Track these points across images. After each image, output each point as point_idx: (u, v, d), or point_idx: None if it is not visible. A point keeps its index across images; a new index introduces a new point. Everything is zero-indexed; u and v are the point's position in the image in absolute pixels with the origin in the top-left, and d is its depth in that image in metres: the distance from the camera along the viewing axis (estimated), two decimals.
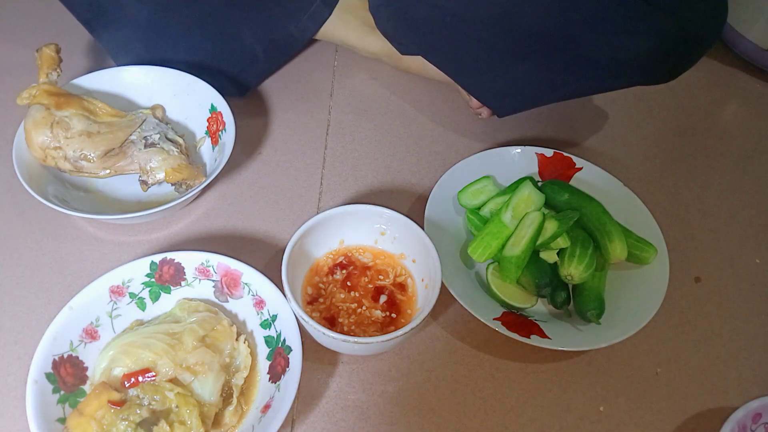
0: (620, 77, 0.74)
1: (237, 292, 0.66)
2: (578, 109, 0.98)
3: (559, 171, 0.82)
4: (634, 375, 0.69)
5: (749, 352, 0.72)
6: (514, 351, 0.70)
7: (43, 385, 0.56)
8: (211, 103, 0.81)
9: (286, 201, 0.82)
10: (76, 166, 0.73)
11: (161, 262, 0.65)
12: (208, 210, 0.80)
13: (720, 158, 0.94)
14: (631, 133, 0.96)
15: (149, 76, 0.83)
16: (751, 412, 0.60)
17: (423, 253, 0.67)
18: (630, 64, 0.71)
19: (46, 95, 0.73)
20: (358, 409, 0.65)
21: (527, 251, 0.69)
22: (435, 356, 0.69)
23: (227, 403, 0.60)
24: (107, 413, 0.54)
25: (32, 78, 0.77)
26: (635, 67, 0.71)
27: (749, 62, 1.09)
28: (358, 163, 0.87)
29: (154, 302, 0.66)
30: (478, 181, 0.78)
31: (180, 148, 0.77)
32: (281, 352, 0.61)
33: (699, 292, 0.77)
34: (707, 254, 0.81)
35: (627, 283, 0.73)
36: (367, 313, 0.67)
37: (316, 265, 0.70)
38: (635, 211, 0.78)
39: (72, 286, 0.71)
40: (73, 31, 0.84)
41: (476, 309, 0.66)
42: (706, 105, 1.03)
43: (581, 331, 0.68)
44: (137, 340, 0.60)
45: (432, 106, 0.95)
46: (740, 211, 0.87)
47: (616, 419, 0.66)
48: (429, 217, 0.74)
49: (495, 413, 0.65)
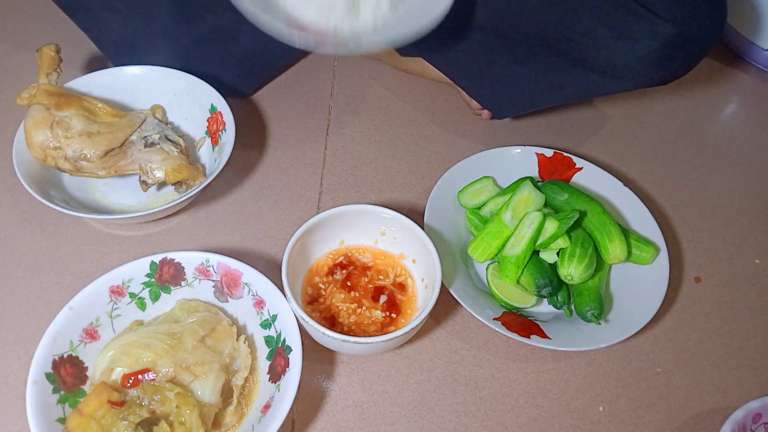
0: (619, 81, 0.74)
1: (237, 292, 0.66)
2: (578, 109, 0.98)
3: (559, 171, 0.82)
4: (634, 375, 0.69)
5: (749, 352, 0.72)
6: (514, 351, 0.70)
7: (43, 385, 0.56)
8: (211, 103, 0.81)
9: (286, 201, 0.82)
10: (76, 166, 0.73)
11: (161, 262, 0.65)
12: (208, 210, 0.80)
13: (720, 158, 0.94)
14: (631, 133, 0.96)
15: (149, 76, 0.83)
16: (751, 412, 0.60)
17: (423, 253, 0.67)
18: (629, 68, 0.71)
19: (46, 95, 0.73)
20: (358, 409, 0.65)
21: (527, 251, 0.69)
22: (435, 356, 0.69)
23: (227, 403, 0.60)
24: (107, 413, 0.54)
25: (32, 78, 0.77)
26: (634, 70, 0.71)
27: (749, 62, 1.09)
28: (358, 163, 0.87)
29: (154, 302, 0.66)
30: (478, 181, 0.78)
31: (180, 148, 0.77)
32: (281, 352, 0.61)
33: (699, 292, 0.77)
34: (707, 254, 0.81)
35: (627, 283, 0.73)
36: (367, 313, 0.67)
37: (316, 265, 0.70)
38: (635, 211, 0.78)
39: (72, 286, 0.71)
40: (73, 31, 0.84)
41: (476, 309, 0.66)
42: (706, 105, 1.03)
43: (581, 331, 0.68)
44: (137, 340, 0.60)
45: (432, 107, 0.95)
46: (740, 211, 0.87)
47: (616, 419, 0.66)
48: (429, 217, 0.74)
49: (495, 413, 0.65)
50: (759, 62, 1.07)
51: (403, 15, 0.71)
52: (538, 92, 0.82)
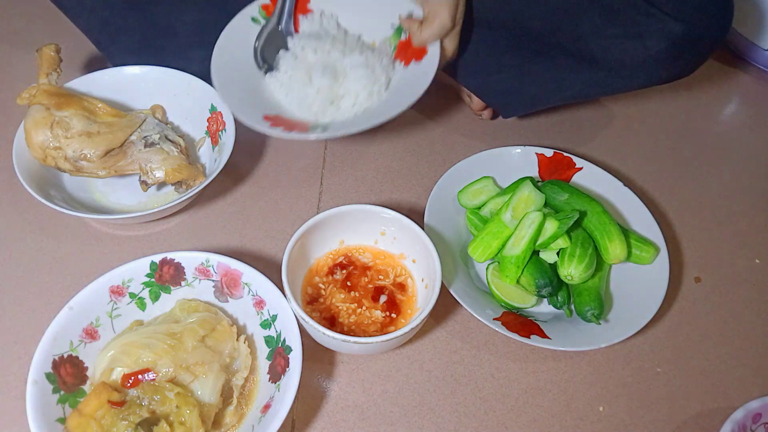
0: (628, 79, 0.75)
1: (237, 292, 0.66)
2: (578, 109, 0.98)
3: (559, 171, 0.82)
4: (634, 375, 0.69)
5: (749, 352, 0.72)
6: (514, 351, 0.70)
7: (43, 385, 0.56)
8: (211, 103, 0.81)
9: (286, 201, 0.82)
10: (76, 166, 0.73)
11: (161, 262, 0.65)
12: (208, 210, 0.80)
13: (720, 158, 0.94)
14: (631, 133, 0.96)
15: (149, 76, 0.83)
16: (751, 412, 0.60)
17: (423, 253, 0.67)
18: (638, 66, 0.71)
19: (46, 95, 0.73)
20: (358, 409, 0.65)
21: (527, 251, 0.69)
22: (435, 356, 0.69)
23: (227, 403, 0.60)
24: (107, 413, 0.54)
25: (32, 78, 0.77)
26: (643, 69, 0.72)
27: (750, 63, 1.09)
28: (358, 163, 0.87)
29: (154, 302, 0.66)
30: (478, 181, 0.78)
31: (180, 148, 0.77)
32: (281, 352, 0.61)
33: (699, 292, 0.77)
34: (707, 254, 0.81)
35: (627, 283, 0.73)
36: (367, 313, 0.67)
37: (316, 265, 0.70)
38: (635, 211, 0.78)
39: (72, 286, 0.71)
40: (73, 31, 0.84)
41: (476, 309, 0.66)
42: (706, 105, 1.03)
43: (581, 331, 0.68)
44: (137, 340, 0.60)
45: (432, 106, 0.95)
46: (740, 211, 0.87)
47: (616, 419, 0.66)
48: (429, 218, 0.74)
49: (495, 413, 0.65)
50: (760, 63, 1.07)
51: (381, 102, 0.76)
52: (547, 91, 0.82)
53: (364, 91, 0.75)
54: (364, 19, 0.80)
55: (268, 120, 0.73)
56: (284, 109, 0.77)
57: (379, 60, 0.78)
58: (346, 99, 0.76)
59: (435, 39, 0.74)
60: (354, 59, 0.77)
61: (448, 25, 0.72)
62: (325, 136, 0.72)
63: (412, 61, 0.77)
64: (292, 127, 0.73)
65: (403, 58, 0.78)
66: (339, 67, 0.77)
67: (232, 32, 0.79)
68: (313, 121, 0.76)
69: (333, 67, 0.77)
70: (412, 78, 0.75)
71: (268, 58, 0.80)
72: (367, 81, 0.75)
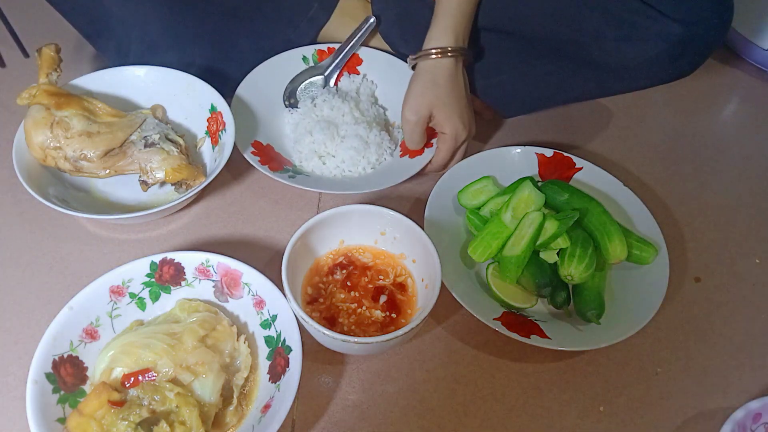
0: (629, 81, 0.75)
1: (237, 292, 0.66)
2: (578, 109, 0.98)
3: (559, 171, 0.82)
4: (634, 375, 0.69)
5: (749, 352, 0.72)
6: (514, 351, 0.70)
7: (43, 385, 0.56)
8: (211, 103, 0.81)
9: (286, 201, 0.82)
10: (76, 166, 0.73)
11: (161, 262, 0.65)
12: (208, 210, 0.80)
13: (720, 158, 0.94)
14: (631, 133, 0.96)
15: (149, 76, 0.83)
16: (751, 412, 0.60)
17: (423, 253, 0.67)
18: (638, 68, 0.72)
19: (46, 95, 0.73)
20: (358, 409, 0.65)
21: (527, 251, 0.69)
22: (435, 356, 0.69)
23: (227, 403, 0.60)
24: (107, 413, 0.54)
25: (32, 78, 0.77)
26: (644, 71, 0.72)
27: (749, 62, 1.09)
28: None
29: (154, 302, 0.66)
30: (478, 181, 0.78)
31: (180, 148, 0.77)
32: (281, 352, 0.61)
33: (699, 292, 0.77)
34: (707, 254, 0.81)
35: (627, 283, 0.73)
36: (367, 313, 0.67)
37: (316, 265, 0.70)
38: (635, 211, 0.78)
39: (72, 286, 0.71)
40: (73, 31, 0.84)
41: (476, 309, 0.66)
42: (706, 105, 1.03)
43: (581, 331, 0.68)
44: (137, 340, 0.60)
45: None
46: (740, 211, 0.87)
47: (616, 419, 0.66)
48: (429, 217, 0.74)
49: (495, 413, 0.65)
50: (759, 62, 1.07)
51: (362, 176, 0.83)
52: (547, 93, 0.83)
53: (350, 160, 0.82)
54: (397, 99, 0.83)
55: (257, 147, 0.81)
56: (282, 143, 0.86)
57: (380, 140, 0.84)
58: (333, 160, 0.82)
59: (446, 156, 0.81)
60: (357, 129, 0.83)
61: (453, 147, 0.79)
62: (289, 182, 0.77)
63: (406, 156, 0.83)
64: (269, 161, 0.80)
65: (402, 148, 0.85)
66: (341, 130, 0.84)
67: (279, 60, 0.89)
68: (297, 164, 0.83)
69: (336, 128, 0.84)
70: (399, 168, 0.81)
71: (295, 95, 0.90)
72: (355, 153, 0.82)
